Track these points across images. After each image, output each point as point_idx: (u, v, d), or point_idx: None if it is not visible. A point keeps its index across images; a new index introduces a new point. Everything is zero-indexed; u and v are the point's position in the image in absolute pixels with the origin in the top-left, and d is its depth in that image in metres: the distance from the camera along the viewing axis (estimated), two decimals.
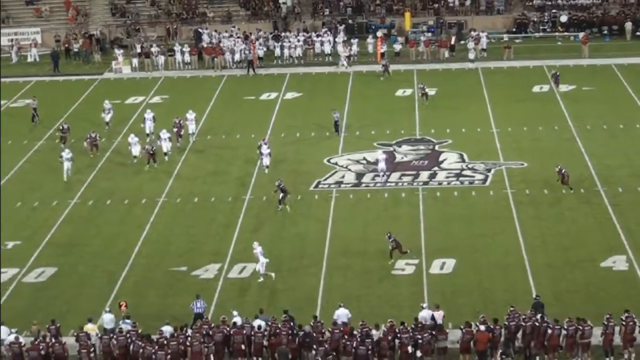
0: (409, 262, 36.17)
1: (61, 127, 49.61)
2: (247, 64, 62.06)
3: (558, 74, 55.77)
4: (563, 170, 41.93)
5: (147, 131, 49.73)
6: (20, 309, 33.53)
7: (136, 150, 46.61)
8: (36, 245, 38.60)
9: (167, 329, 30.52)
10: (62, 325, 30.81)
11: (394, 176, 44.63)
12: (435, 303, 31.72)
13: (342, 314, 30.83)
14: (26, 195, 43.50)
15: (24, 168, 47.26)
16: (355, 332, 29.82)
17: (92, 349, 29.63)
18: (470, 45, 62.88)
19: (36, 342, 29.59)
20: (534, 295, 32.25)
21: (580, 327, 29.31)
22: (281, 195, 41.05)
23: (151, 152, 46.05)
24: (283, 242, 38.69)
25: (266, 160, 45.11)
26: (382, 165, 43.74)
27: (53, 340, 29.75)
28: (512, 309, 30.22)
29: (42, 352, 29.43)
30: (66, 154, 45.00)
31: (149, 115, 50.39)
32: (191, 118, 49.82)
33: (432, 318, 30.53)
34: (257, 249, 35.70)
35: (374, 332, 29.90)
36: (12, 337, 29.94)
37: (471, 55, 60.89)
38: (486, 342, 29.38)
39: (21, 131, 52.22)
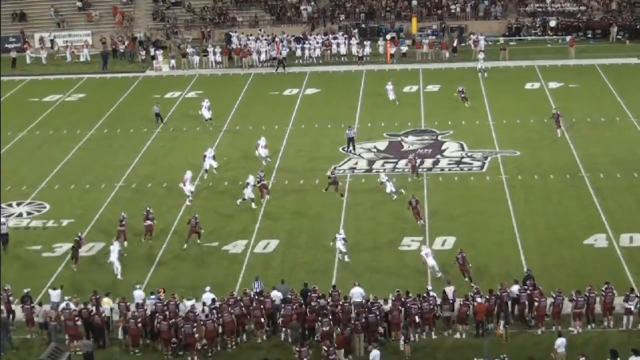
0: (414, 239, 36.06)
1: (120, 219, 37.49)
2: (277, 62, 61.79)
3: (559, 113, 47.42)
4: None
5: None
6: (72, 279, 33.63)
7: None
8: (87, 223, 38.66)
9: (208, 296, 30.46)
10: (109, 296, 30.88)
11: (401, 163, 44.44)
12: (447, 279, 31.58)
13: (356, 293, 30.44)
14: (79, 178, 43.57)
15: (76, 154, 47.31)
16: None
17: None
18: (476, 47, 62.48)
19: (81, 310, 29.73)
20: (525, 269, 32.11)
21: (574, 299, 29.16)
22: (333, 187, 40.12)
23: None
24: (303, 220, 38.60)
25: (264, 152, 43.86)
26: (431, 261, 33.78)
27: (94, 310, 29.81)
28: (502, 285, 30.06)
29: (87, 320, 29.62)
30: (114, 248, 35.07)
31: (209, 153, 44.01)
32: (206, 105, 49.29)
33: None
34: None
35: (384, 307, 29.60)
36: (64, 304, 30.08)
37: (480, 65, 59.50)
38: (484, 312, 29.24)
39: (75, 122, 52.11)
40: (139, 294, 31.20)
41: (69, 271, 34.38)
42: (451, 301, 29.77)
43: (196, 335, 28.69)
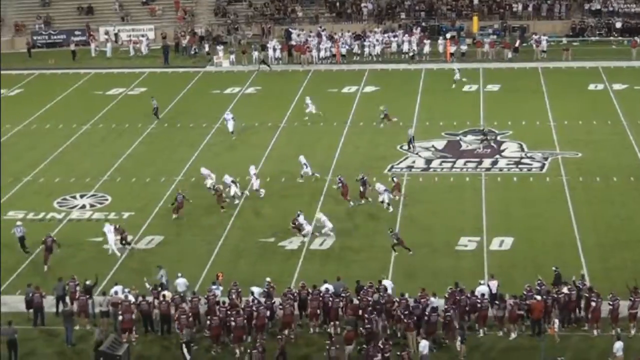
0: (471, 240, 35.91)
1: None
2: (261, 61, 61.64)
3: None
4: None
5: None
6: (132, 270, 34.18)
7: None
8: (147, 216, 39.24)
9: (256, 290, 30.81)
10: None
11: (459, 162, 44.27)
12: (490, 273, 31.42)
13: (387, 284, 30.93)
14: (140, 172, 44.24)
15: (138, 148, 48.03)
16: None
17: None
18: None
19: (139, 302, 30.23)
20: (553, 269, 31.42)
21: (632, 298, 28.83)
22: (362, 188, 39.99)
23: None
24: (359, 217, 38.68)
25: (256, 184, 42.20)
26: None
27: (156, 302, 30.30)
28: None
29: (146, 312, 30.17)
30: None
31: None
32: (229, 118, 48.65)
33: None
34: (323, 217, 36.26)
35: (432, 299, 29.72)
36: (123, 296, 30.62)
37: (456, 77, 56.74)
38: (541, 311, 29.02)
39: (136, 115, 52.78)
40: (182, 282, 31.63)
41: (128, 263, 34.92)
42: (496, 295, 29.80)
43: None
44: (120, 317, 29.73)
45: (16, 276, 33.89)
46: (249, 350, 28.13)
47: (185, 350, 28.58)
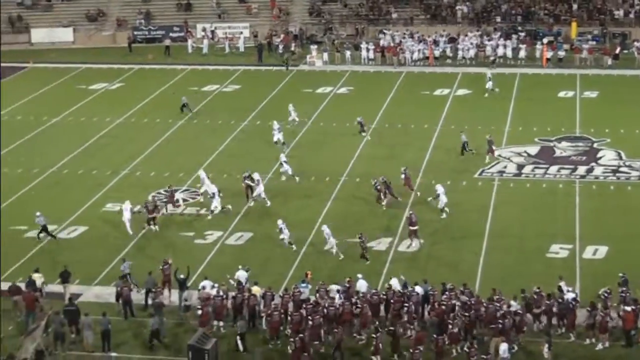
0: (563, 247, 35.18)
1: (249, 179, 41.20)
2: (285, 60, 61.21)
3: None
4: None
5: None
6: (222, 266, 34.45)
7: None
8: (237, 212, 39.52)
9: (334, 287, 30.92)
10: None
11: (553, 169, 43.39)
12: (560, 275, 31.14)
13: (419, 290, 30.69)
14: (231, 168, 44.57)
15: (230, 144, 48.52)
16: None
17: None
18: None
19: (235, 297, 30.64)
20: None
21: None
22: (381, 194, 39.53)
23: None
24: (449, 220, 38.28)
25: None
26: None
27: (245, 295, 30.68)
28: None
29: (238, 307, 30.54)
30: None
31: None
32: (276, 128, 47.59)
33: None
34: (326, 230, 35.49)
35: (512, 302, 29.43)
36: (214, 291, 31.01)
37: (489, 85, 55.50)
38: (633, 321, 28.27)
39: (230, 112, 53.17)
40: (242, 274, 31.95)
41: (218, 258, 35.31)
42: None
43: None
44: (199, 311, 30.06)
45: (111, 268, 34.66)
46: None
47: (239, 341, 28.84)
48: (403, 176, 40.41)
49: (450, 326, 28.59)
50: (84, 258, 35.42)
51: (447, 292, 30.30)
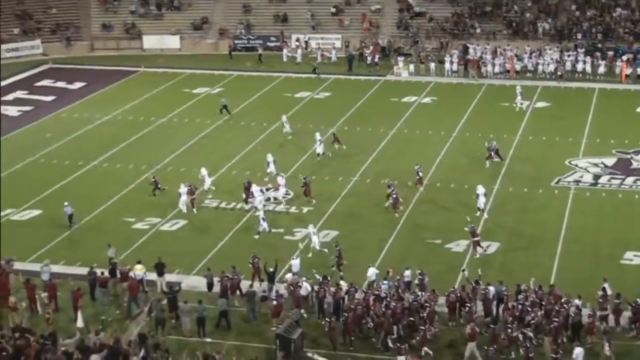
0: (637, 254, 34.12)
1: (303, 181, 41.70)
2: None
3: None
4: None
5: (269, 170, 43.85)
6: (308, 262, 34.53)
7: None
8: (324, 212, 39.67)
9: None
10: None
11: (629, 180, 42.15)
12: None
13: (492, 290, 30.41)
14: (319, 170, 44.48)
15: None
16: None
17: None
18: None
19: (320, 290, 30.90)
20: None
21: None
22: (391, 201, 38.95)
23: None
24: (525, 226, 37.67)
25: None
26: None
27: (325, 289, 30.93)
28: None
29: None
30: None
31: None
32: (318, 139, 46.72)
33: None
34: (311, 230, 35.65)
35: (576, 301, 29.22)
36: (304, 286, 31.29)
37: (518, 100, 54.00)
38: None
39: (320, 118, 53.00)
40: (372, 271, 32.23)
41: (305, 256, 35.34)
42: None
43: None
44: (274, 302, 30.32)
45: (207, 260, 35.17)
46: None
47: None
48: (418, 174, 40.56)
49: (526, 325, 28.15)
50: (183, 249, 36.04)
51: (522, 293, 29.92)
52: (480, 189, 38.65)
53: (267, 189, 41.46)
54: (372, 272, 32.35)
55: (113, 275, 32.67)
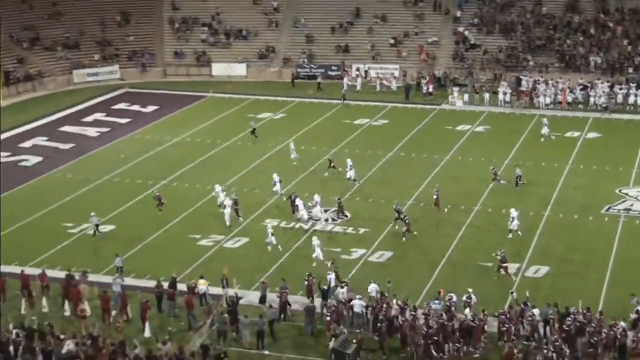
0: None
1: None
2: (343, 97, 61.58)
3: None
4: None
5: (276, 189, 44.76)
6: (358, 279, 34.80)
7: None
8: (380, 233, 39.84)
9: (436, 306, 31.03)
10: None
11: None
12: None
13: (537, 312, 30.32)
14: (376, 193, 44.80)
15: (376, 173, 48.48)
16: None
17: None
18: None
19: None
20: None
21: None
22: (405, 227, 38.79)
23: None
24: (575, 251, 37.27)
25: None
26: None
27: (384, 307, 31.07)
28: None
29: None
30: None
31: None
32: (349, 164, 46.59)
33: None
34: (316, 242, 36.30)
35: (622, 324, 29.09)
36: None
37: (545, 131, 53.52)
38: None
39: (378, 144, 53.19)
40: (373, 287, 32.59)
41: (359, 275, 35.58)
42: None
43: None
44: (328, 318, 30.62)
45: (267, 276, 35.61)
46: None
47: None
48: (435, 196, 40.94)
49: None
50: (245, 266, 36.56)
51: (571, 316, 29.69)
52: (514, 213, 38.86)
53: (326, 211, 41.76)
54: (372, 287, 32.55)
55: (173, 289, 33.27)
